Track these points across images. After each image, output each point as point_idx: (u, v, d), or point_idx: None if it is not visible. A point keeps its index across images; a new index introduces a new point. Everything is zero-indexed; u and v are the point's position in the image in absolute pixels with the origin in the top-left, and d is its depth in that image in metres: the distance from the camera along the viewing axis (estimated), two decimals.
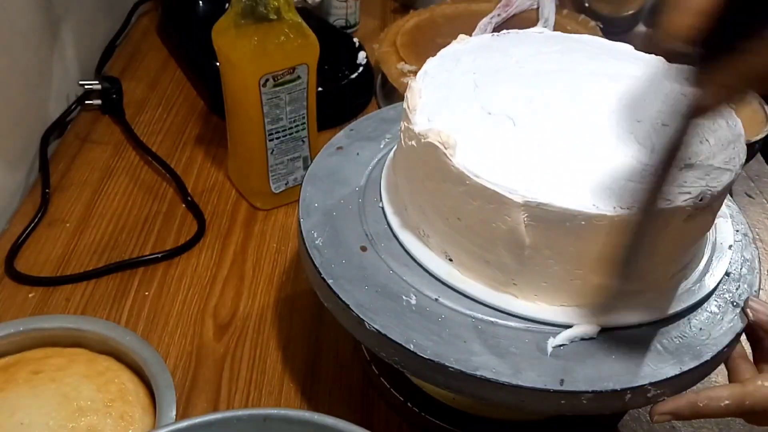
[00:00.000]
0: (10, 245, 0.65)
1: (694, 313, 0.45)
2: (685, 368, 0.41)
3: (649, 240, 0.40)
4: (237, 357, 0.58)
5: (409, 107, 0.46)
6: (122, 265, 0.65)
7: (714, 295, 0.46)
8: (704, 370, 0.42)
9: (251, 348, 0.59)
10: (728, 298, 0.46)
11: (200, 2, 0.90)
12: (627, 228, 0.39)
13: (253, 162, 0.68)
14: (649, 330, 0.43)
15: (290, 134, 0.68)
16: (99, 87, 0.83)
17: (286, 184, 0.71)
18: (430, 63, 0.49)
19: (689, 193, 0.40)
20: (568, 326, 0.43)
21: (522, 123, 0.44)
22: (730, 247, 0.49)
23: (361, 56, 0.86)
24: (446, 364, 0.40)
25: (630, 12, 0.99)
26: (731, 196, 0.53)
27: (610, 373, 0.40)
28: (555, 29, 0.91)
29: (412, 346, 0.41)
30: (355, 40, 0.89)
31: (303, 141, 0.69)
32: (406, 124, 0.46)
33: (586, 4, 0.99)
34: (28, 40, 0.75)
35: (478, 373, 0.40)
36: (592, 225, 0.39)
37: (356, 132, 0.57)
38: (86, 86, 0.83)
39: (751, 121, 0.73)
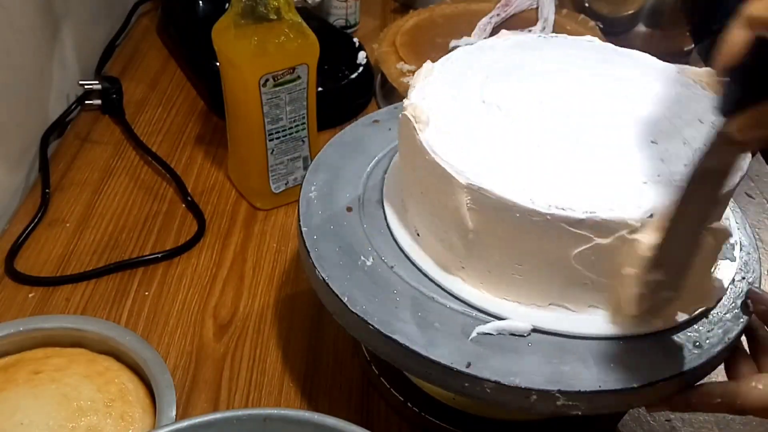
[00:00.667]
0: (10, 245, 0.65)
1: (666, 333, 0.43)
2: (606, 387, 0.40)
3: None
4: (237, 357, 0.58)
5: (412, 84, 0.48)
6: (122, 265, 0.65)
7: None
8: (629, 396, 0.40)
9: (251, 348, 0.59)
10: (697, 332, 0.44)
11: (200, 2, 0.90)
12: (564, 231, 0.39)
13: (253, 162, 0.68)
14: (588, 343, 0.42)
15: (290, 134, 0.68)
16: (99, 87, 0.83)
17: (286, 184, 0.71)
18: (459, 51, 0.51)
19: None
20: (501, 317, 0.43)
21: (513, 115, 0.45)
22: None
23: (361, 56, 0.86)
24: (369, 321, 0.42)
25: (630, 12, 0.99)
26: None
27: (522, 370, 0.40)
28: (554, 29, 0.92)
29: (346, 298, 0.44)
30: (355, 40, 0.89)
31: (303, 141, 0.69)
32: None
33: (586, 4, 0.99)
34: (28, 40, 0.75)
35: (395, 336, 0.41)
36: (527, 219, 0.40)
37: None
38: (86, 86, 0.83)
39: None
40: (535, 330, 0.42)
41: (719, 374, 0.44)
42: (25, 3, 0.74)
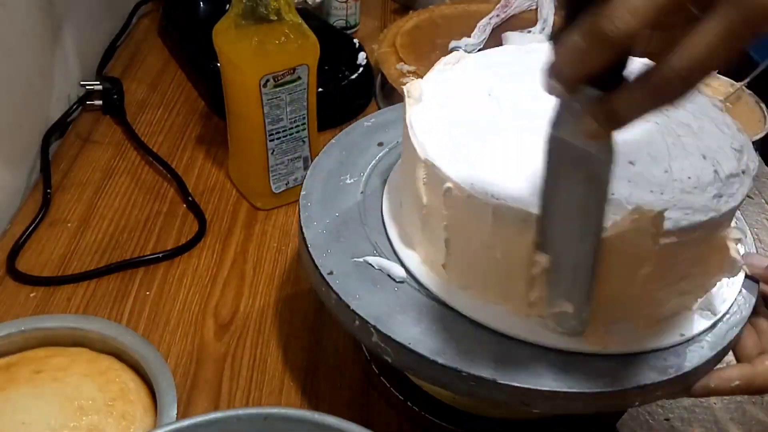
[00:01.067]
0: (12, 245, 0.65)
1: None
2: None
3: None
4: (238, 356, 0.58)
5: (435, 66, 0.49)
6: (123, 264, 0.65)
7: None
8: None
9: (252, 347, 0.59)
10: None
11: (201, 3, 0.90)
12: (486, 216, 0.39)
13: (254, 162, 0.68)
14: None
15: (291, 134, 0.68)
16: (100, 87, 0.84)
17: (286, 185, 0.71)
18: (497, 50, 0.52)
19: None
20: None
21: (510, 113, 0.45)
22: None
23: (362, 57, 0.86)
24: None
25: None
26: None
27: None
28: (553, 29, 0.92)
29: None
30: (355, 40, 0.89)
31: (303, 141, 0.69)
32: None
33: None
34: (29, 41, 0.75)
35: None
36: (458, 198, 0.40)
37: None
38: (87, 87, 0.84)
39: (749, 120, 0.73)
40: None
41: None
42: (27, 3, 0.74)
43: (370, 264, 0.46)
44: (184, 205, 0.72)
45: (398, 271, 0.45)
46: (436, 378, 0.42)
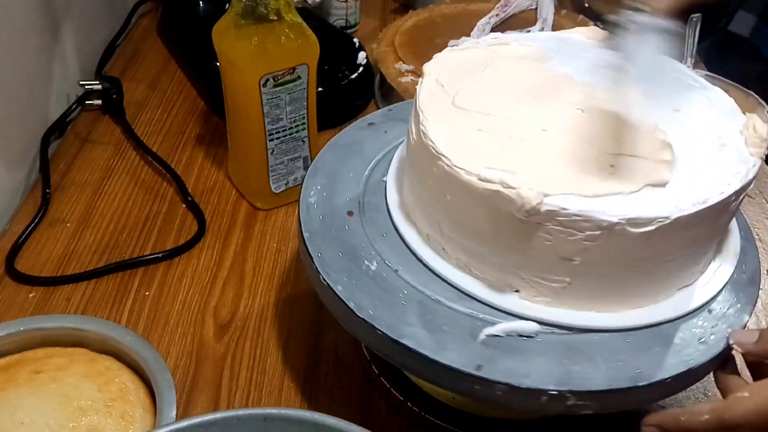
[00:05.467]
0: (11, 245, 0.65)
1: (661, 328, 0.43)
2: (615, 386, 0.40)
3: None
4: (237, 357, 0.58)
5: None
6: (123, 265, 0.65)
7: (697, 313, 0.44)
8: (638, 394, 0.41)
9: (251, 348, 0.59)
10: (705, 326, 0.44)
11: (200, 2, 0.90)
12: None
13: (254, 162, 0.68)
14: (599, 338, 0.42)
15: (290, 134, 0.68)
16: (99, 87, 0.84)
17: (286, 184, 0.71)
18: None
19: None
20: (511, 314, 0.43)
21: (509, 95, 0.47)
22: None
23: (361, 56, 0.86)
24: (376, 326, 0.42)
25: None
26: None
27: (532, 371, 0.40)
28: (553, 29, 0.92)
29: (352, 304, 0.43)
30: (355, 40, 0.89)
31: (303, 141, 0.69)
32: None
33: (586, 4, 0.99)
34: (28, 41, 0.75)
35: (403, 341, 0.41)
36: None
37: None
38: (87, 86, 0.84)
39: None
40: (542, 323, 0.42)
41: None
42: (26, 3, 0.74)
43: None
44: (184, 205, 0.72)
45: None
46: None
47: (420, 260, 0.46)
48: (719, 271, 0.47)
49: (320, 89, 0.69)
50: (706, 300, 0.45)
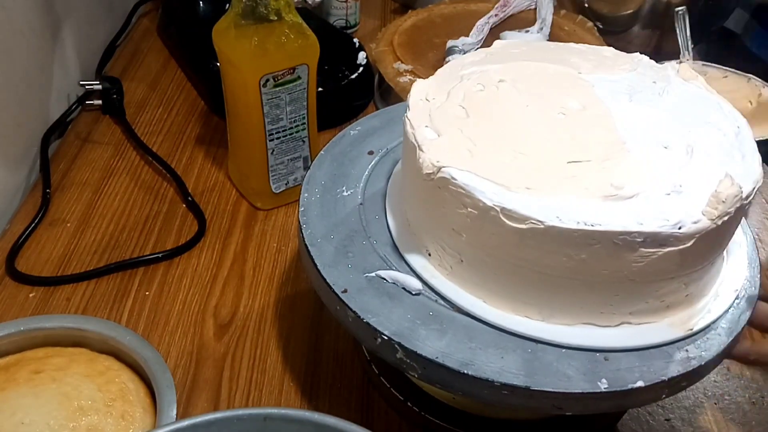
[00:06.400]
0: (11, 245, 0.65)
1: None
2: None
3: None
4: (237, 356, 0.58)
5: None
6: (123, 264, 0.65)
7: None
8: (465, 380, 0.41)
9: (252, 348, 0.59)
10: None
11: (201, 3, 0.90)
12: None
13: (254, 162, 0.68)
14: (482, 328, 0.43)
15: (290, 134, 0.68)
16: (99, 87, 0.84)
17: (286, 184, 0.71)
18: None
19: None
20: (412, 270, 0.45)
21: (498, 96, 0.47)
22: None
23: (361, 56, 0.86)
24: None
25: (629, 12, 0.99)
26: None
27: (388, 318, 0.42)
28: (552, 30, 0.92)
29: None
30: (355, 40, 0.89)
31: (303, 141, 0.69)
32: None
33: (586, 5, 0.99)
34: (28, 41, 0.75)
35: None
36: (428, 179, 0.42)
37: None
38: (87, 86, 0.84)
39: (749, 119, 0.73)
40: (426, 284, 0.45)
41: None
42: (26, 3, 0.74)
43: (383, 278, 0.45)
44: (184, 205, 0.72)
45: (413, 283, 0.44)
46: (466, 390, 0.41)
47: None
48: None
49: (320, 89, 0.69)
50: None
